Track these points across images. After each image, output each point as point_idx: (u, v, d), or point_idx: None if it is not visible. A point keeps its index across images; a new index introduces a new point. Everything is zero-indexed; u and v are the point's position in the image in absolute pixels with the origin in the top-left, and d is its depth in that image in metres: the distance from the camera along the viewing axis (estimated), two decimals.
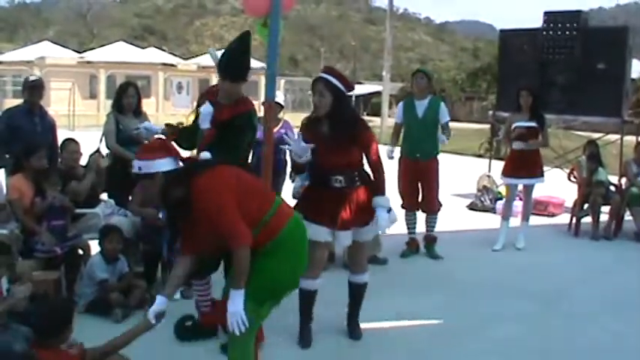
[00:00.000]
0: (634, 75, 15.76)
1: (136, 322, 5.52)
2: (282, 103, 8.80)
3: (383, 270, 8.03)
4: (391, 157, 8.70)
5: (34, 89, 7.43)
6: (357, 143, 5.34)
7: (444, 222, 9.02)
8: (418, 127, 8.57)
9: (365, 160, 5.48)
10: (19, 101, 7.93)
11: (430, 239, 8.87)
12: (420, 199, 8.74)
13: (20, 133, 7.15)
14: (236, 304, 3.84)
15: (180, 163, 4.04)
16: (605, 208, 10.52)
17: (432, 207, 8.77)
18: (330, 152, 5.29)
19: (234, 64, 5.26)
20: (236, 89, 5.37)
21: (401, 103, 9.01)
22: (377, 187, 5.41)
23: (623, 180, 11.02)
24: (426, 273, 8.06)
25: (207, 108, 5.37)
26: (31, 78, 7.67)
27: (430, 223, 8.85)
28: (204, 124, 5.35)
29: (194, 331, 5.52)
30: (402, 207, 8.76)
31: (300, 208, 5.19)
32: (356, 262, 5.78)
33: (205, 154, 4.49)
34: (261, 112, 8.99)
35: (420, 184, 8.68)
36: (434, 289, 7.40)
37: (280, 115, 8.70)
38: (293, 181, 8.34)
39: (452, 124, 8.86)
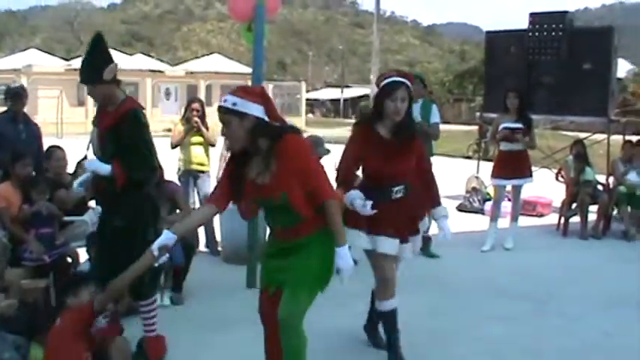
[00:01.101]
0: (620, 75, 15.86)
1: (125, 329, 5.52)
2: None
3: (363, 271, 8.02)
4: None
5: (16, 97, 7.42)
6: (413, 150, 5.06)
7: (434, 223, 9.00)
8: None
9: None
10: None
11: (426, 239, 8.89)
12: None
13: (4, 141, 7.13)
14: (345, 258, 4.04)
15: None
16: (593, 208, 10.56)
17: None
18: (391, 160, 4.94)
19: (83, 67, 5.02)
20: (105, 91, 4.95)
21: None
22: (434, 197, 5.28)
23: (611, 179, 11.08)
24: (415, 274, 8.04)
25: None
26: (13, 86, 7.66)
27: (423, 225, 8.86)
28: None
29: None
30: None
31: (354, 222, 4.88)
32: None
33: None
34: None
35: None
36: (423, 289, 7.40)
37: None
38: None
39: (441, 126, 8.88)
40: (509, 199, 10.02)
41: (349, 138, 5.15)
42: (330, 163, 5.56)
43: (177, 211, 7.14)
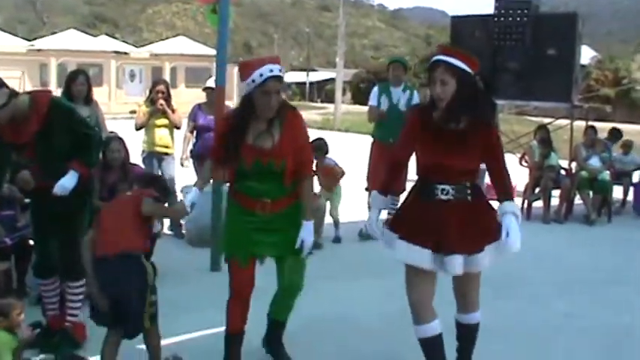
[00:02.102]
0: (583, 61, 15.98)
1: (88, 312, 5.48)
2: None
3: (329, 255, 8.08)
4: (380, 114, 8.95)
5: None
6: (478, 143, 4.20)
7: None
8: (392, 112, 8.76)
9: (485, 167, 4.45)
10: None
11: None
12: None
13: None
14: (310, 233, 4.43)
15: None
16: (556, 192, 10.68)
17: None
18: (441, 152, 4.19)
19: None
20: (8, 113, 4.61)
21: (376, 88, 9.19)
22: (504, 191, 4.40)
23: (574, 164, 11.20)
24: (372, 258, 8.08)
25: None
26: None
27: (393, 203, 8.94)
28: None
29: (45, 336, 5.10)
30: (367, 189, 8.86)
31: (395, 224, 4.41)
32: (465, 296, 4.68)
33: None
34: (202, 99, 9.03)
35: None
36: (380, 274, 7.42)
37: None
38: None
39: None
40: None
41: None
42: None
43: None
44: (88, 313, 4.47)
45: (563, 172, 10.99)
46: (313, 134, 17.86)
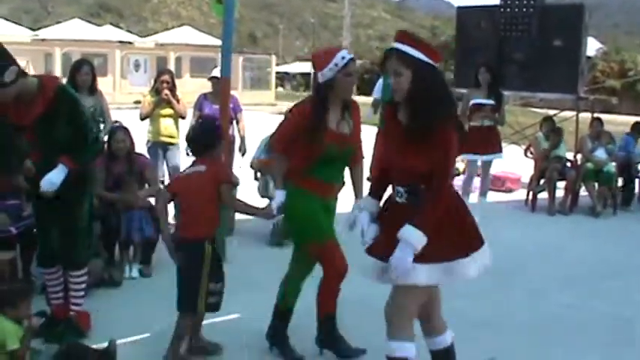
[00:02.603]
0: (589, 53, 15.93)
1: (93, 301, 5.50)
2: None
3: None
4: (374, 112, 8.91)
5: None
6: (432, 144, 3.68)
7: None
8: None
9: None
10: None
11: None
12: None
13: None
14: None
15: None
16: (561, 184, 10.66)
17: None
18: (401, 152, 3.83)
19: None
20: (15, 91, 4.62)
21: (380, 80, 9.15)
22: (417, 211, 3.70)
23: (579, 156, 11.18)
24: None
25: None
26: None
27: None
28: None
29: (49, 326, 5.12)
30: (368, 179, 8.85)
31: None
32: (427, 315, 4.21)
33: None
34: (207, 89, 9.04)
35: None
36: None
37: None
38: (256, 179, 8.50)
39: None
40: (478, 175, 10.08)
41: None
42: None
43: (146, 185, 7.08)
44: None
45: (568, 163, 10.97)
46: None
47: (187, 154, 8.05)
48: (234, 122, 8.71)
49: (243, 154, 8.84)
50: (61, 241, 5.08)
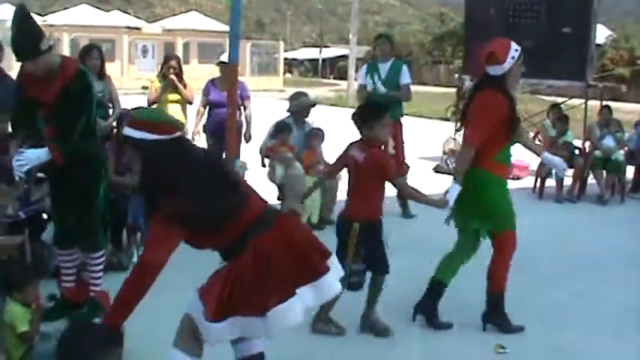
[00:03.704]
0: (599, 40, 15.85)
1: (103, 283, 5.52)
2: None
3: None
4: None
5: None
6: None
7: (410, 184, 9.06)
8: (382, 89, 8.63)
9: None
10: None
11: (403, 197, 8.96)
12: None
13: None
14: None
15: None
16: (569, 171, 10.64)
17: (399, 170, 8.82)
18: None
19: (17, 43, 4.76)
20: (45, 63, 4.81)
21: (364, 66, 9.09)
22: None
23: (587, 144, 11.15)
24: (389, 236, 8.08)
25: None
26: None
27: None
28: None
29: (61, 309, 5.19)
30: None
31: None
32: None
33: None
34: (215, 74, 9.04)
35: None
36: (397, 252, 7.38)
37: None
38: (263, 166, 8.57)
39: (419, 88, 8.99)
40: None
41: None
42: None
43: None
44: None
45: (576, 151, 10.94)
46: (325, 111, 17.91)
47: (192, 139, 8.08)
48: (242, 108, 8.72)
49: (247, 141, 8.85)
50: (78, 225, 5.13)
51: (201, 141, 8.91)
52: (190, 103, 8.74)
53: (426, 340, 5.23)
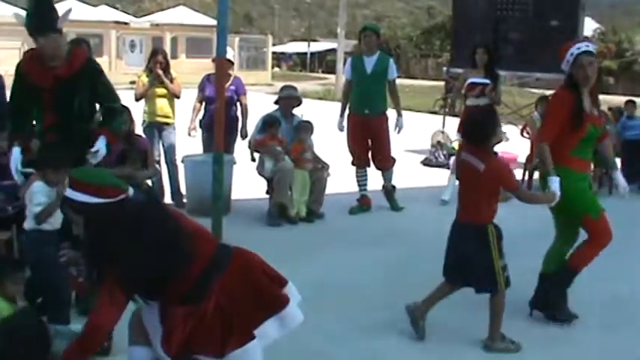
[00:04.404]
0: (587, 33, 15.88)
1: None
2: (232, 59, 8.76)
3: (328, 225, 8.12)
4: (341, 129, 8.82)
5: None
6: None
7: (398, 178, 9.10)
8: (367, 83, 8.60)
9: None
10: None
11: (389, 189, 8.98)
12: (370, 155, 8.79)
13: None
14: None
15: None
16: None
17: (386, 163, 8.83)
18: None
19: (36, 16, 4.85)
20: (57, 42, 4.89)
21: (349, 60, 9.07)
22: None
23: None
24: (375, 229, 8.12)
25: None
26: None
27: (387, 177, 8.94)
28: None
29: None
30: (353, 164, 8.84)
31: None
32: None
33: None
34: (205, 69, 9.02)
35: (370, 141, 8.72)
36: (383, 242, 7.45)
37: (231, 71, 8.67)
38: (253, 160, 8.55)
39: (407, 82, 9.02)
40: None
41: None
42: None
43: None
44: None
45: None
46: (313, 105, 17.90)
47: (189, 135, 8.05)
48: (238, 104, 8.73)
49: (243, 137, 8.83)
50: None
51: (196, 136, 8.96)
52: (177, 97, 8.72)
53: (411, 334, 5.22)
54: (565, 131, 5.25)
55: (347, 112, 8.85)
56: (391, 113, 8.70)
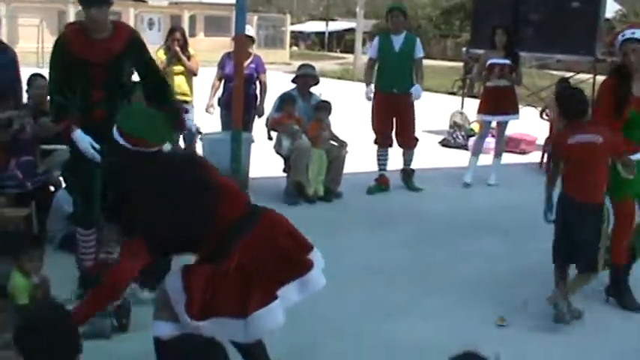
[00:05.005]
0: (608, 15, 15.72)
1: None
2: (254, 36, 8.74)
3: (346, 205, 8.12)
4: (369, 98, 8.78)
5: None
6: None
7: (416, 158, 9.07)
8: (395, 62, 8.60)
9: None
10: None
11: (408, 172, 8.97)
12: (393, 134, 8.78)
13: None
14: None
15: None
16: None
17: (409, 142, 8.82)
18: None
19: None
20: (106, 15, 4.83)
21: (376, 38, 9.02)
22: None
23: None
24: (393, 209, 8.11)
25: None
26: None
27: (407, 158, 8.93)
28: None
29: (84, 283, 5.07)
30: (375, 142, 8.81)
31: None
32: None
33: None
34: (222, 48, 9.00)
35: (394, 120, 8.70)
36: (401, 223, 7.44)
37: (251, 49, 8.65)
38: (270, 139, 8.55)
39: (426, 62, 8.89)
40: (492, 136, 10.03)
41: None
42: None
43: None
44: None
45: None
46: (332, 85, 17.80)
47: (206, 111, 8.07)
48: (257, 82, 8.73)
49: (259, 115, 8.83)
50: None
51: (214, 113, 8.97)
52: (195, 75, 8.73)
53: (430, 314, 5.22)
54: (611, 116, 5.25)
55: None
56: None
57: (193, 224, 3.41)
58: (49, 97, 5.33)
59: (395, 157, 8.97)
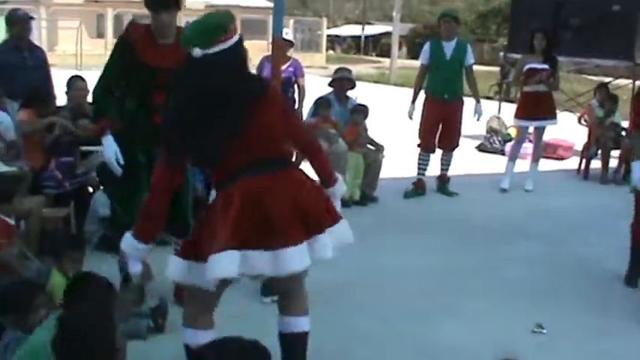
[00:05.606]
0: None
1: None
2: (292, 40, 8.75)
3: (382, 209, 8.10)
4: (411, 117, 8.81)
5: (22, 22, 7.24)
6: None
7: (453, 163, 9.04)
8: (446, 68, 8.60)
9: None
10: None
11: (444, 179, 8.95)
12: (437, 140, 8.78)
13: (11, 70, 6.93)
14: None
15: None
16: (615, 152, 10.48)
17: (452, 143, 8.81)
18: None
19: None
20: (175, 20, 4.73)
21: (427, 44, 8.94)
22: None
23: None
24: (429, 214, 8.09)
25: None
26: (18, 13, 7.48)
27: (446, 160, 8.91)
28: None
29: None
30: (419, 146, 8.81)
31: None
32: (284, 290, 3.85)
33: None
34: (259, 52, 9.03)
35: (441, 125, 8.70)
36: (439, 229, 7.41)
37: (289, 53, 8.67)
38: None
39: None
40: (530, 141, 9.96)
41: None
42: None
43: None
44: None
45: (623, 132, 10.76)
46: (368, 88, 17.79)
47: None
48: (295, 85, 8.75)
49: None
50: (172, 208, 4.96)
51: None
52: None
53: (465, 319, 5.19)
54: None
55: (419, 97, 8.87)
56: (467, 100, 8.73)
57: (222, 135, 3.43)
58: (91, 95, 5.26)
59: (433, 163, 8.95)
